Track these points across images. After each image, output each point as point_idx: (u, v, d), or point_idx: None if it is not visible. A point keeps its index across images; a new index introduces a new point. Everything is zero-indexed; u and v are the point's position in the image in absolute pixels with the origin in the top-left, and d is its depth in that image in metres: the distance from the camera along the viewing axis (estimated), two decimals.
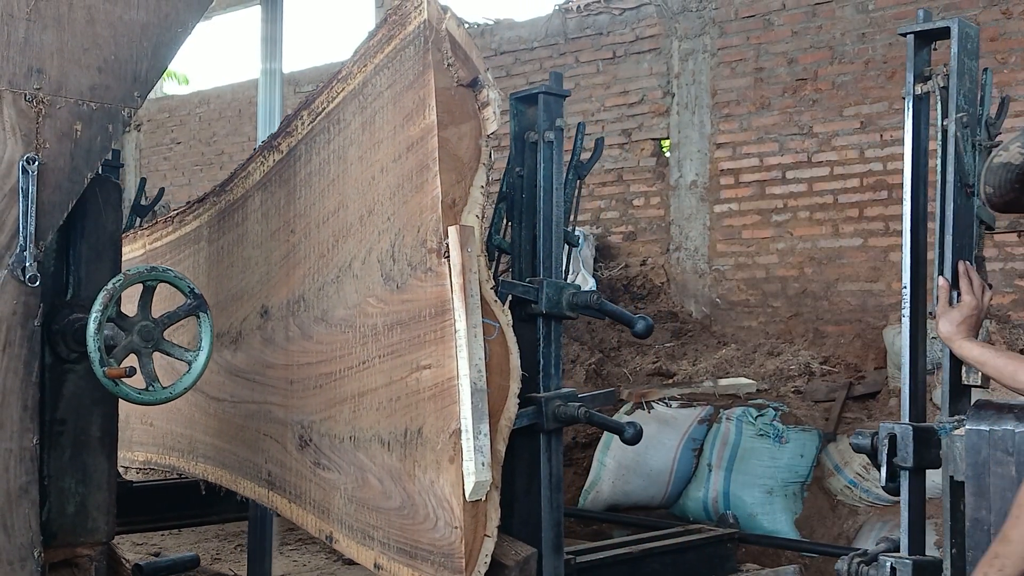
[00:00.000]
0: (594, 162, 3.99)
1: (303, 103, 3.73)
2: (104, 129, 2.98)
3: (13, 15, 2.84)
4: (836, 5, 8.22)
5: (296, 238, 3.81)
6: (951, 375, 2.99)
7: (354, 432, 3.49)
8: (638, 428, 3.84)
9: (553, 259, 3.85)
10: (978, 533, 2.74)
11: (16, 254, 2.84)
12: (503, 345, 3.17)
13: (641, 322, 3.78)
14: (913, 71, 3.12)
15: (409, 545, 3.25)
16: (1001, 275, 7.43)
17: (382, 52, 3.28)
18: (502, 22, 10.34)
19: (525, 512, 3.82)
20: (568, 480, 7.27)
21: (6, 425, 2.85)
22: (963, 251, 3.00)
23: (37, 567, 2.91)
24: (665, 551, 4.69)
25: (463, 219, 3.08)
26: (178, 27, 3.10)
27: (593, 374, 8.03)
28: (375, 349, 3.37)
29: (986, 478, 2.73)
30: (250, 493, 4.29)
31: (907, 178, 3.16)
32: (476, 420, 3.00)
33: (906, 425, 3.00)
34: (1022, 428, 2.68)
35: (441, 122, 3.05)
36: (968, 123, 2.97)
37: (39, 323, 2.91)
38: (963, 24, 3.04)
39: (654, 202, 9.31)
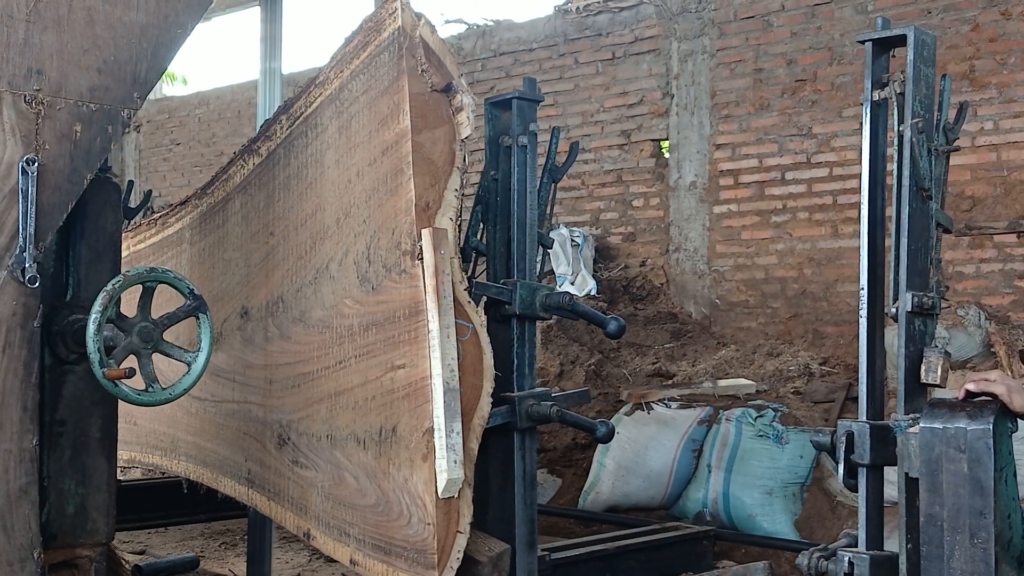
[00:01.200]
0: (568, 166, 4.07)
1: (282, 107, 3.81)
2: (104, 130, 2.99)
3: (13, 16, 2.84)
4: (835, 6, 8.30)
5: (275, 240, 3.88)
6: (907, 374, 3.07)
7: (331, 431, 3.56)
8: (610, 427, 3.89)
9: (527, 261, 3.92)
10: (932, 528, 2.82)
11: (16, 255, 2.84)
12: (476, 345, 3.24)
13: (613, 323, 3.85)
14: (871, 78, 3.17)
15: (384, 541, 3.31)
16: (1001, 276, 7.51)
17: (358, 58, 3.36)
18: (501, 23, 10.42)
19: (499, 509, 3.89)
20: (568, 481, 7.38)
21: (6, 426, 2.86)
22: (919, 254, 3.09)
23: (37, 568, 2.91)
24: (641, 548, 4.77)
25: (437, 222, 3.14)
26: (177, 28, 3.11)
27: (593, 375, 8.07)
28: (351, 349, 3.43)
29: (939, 475, 2.81)
30: (230, 491, 4.37)
31: (864, 183, 3.22)
32: (448, 419, 3.07)
33: (863, 423, 3.08)
34: (974, 426, 2.77)
35: (415, 127, 3.12)
36: (924, 129, 3.05)
37: (39, 324, 2.91)
38: (919, 32, 3.10)
39: (653, 203, 9.38)
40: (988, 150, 7.60)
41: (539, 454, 7.26)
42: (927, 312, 3.05)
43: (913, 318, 3.03)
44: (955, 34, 7.73)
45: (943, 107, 3.16)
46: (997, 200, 7.63)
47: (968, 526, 2.77)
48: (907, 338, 3.03)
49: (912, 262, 3.03)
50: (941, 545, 2.81)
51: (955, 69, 7.70)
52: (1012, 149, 7.50)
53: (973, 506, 2.76)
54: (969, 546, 2.77)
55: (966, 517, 2.77)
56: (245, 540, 6.10)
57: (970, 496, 2.77)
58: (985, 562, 2.74)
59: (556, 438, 7.52)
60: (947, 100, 3.17)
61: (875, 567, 2.99)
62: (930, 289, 3.09)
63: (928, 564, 2.84)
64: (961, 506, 2.78)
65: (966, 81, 7.66)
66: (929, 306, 3.05)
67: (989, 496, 2.75)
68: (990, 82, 7.60)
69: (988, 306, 7.34)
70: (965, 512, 2.78)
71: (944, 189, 3.18)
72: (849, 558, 3.01)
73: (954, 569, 2.79)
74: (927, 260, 3.07)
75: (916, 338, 3.04)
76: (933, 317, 3.08)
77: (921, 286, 3.06)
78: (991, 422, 2.77)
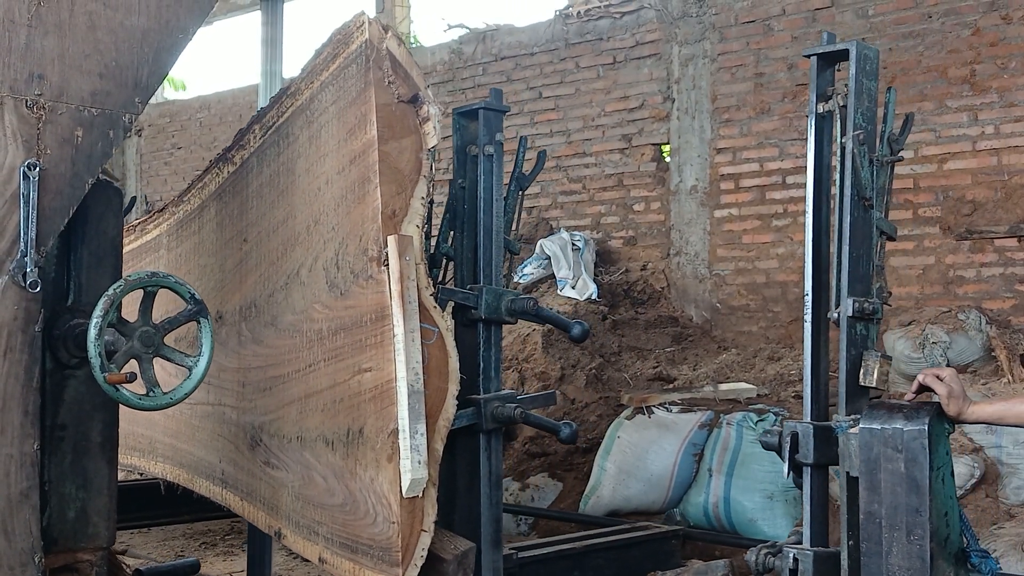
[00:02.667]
0: (536, 174, 4.21)
1: (255, 117, 3.95)
2: (105, 135, 3.00)
3: (14, 21, 2.85)
4: (836, 10, 8.39)
5: (248, 246, 4.00)
6: (849, 376, 3.20)
7: (301, 432, 3.68)
8: (574, 428, 4.02)
9: (493, 267, 4.08)
10: (871, 526, 2.99)
11: (17, 260, 2.85)
12: (442, 349, 3.34)
13: (577, 327, 3.99)
14: (816, 91, 3.33)
15: (351, 540, 3.42)
16: (1001, 280, 7.59)
17: (327, 70, 3.48)
18: (502, 27, 10.52)
19: (466, 509, 4.02)
20: (569, 485, 7.39)
21: (7, 430, 2.86)
22: (861, 260, 3.22)
23: (38, 572, 2.92)
24: (609, 547, 4.88)
25: (403, 229, 3.26)
26: (179, 33, 3.12)
27: (594, 379, 8.16)
28: (320, 353, 3.55)
29: (878, 474, 2.98)
30: (205, 491, 4.49)
31: (809, 192, 3.37)
32: (413, 420, 3.17)
33: (807, 424, 3.25)
34: (910, 427, 2.93)
35: (382, 136, 3.24)
36: (865, 140, 3.20)
37: (40, 329, 2.92)
38: (861, 47, 3.25)
39: (654, 207, 9.47)
40: (989, 154, 7.68)
41: (540, 458, 7.42)
42: (868, 317, 3.19)
43: (854, 322, 3.18)
44: (956, 38, 7.80)
45: (888, 119, 3.29)
46: (998, 204, 7.68)
47: (905, 523, 2.94)
48: (848, 342, 3.17)
49: (854, 268, 3.17)
50: (880, 542, 2.97)
51: (956, 73, 7.79)
52: (1013, 153, 7.56)
53: (910, 504, 2.93)
54: (906, 542, 2.93)
55: (903, 515, 2.94)
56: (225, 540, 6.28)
57: (907, 494, 2.93)
58: (921, 558, 2.91)
59: (557, 442, 7.47)
60: (892, 112, 3.30)
61: (818, 563, 3.15)
62: (872, 295, 3.22)
63: (868, 560, 3.00)
64: (898, 504, 2.94)
65: (967, 85, 7.74)
66: (870, 311, 3.19)
67: (925, 494, 2.91)
68: (991, 86, 7.67)
69: (989, 310, 7.37)
70: (902, 510, 2.94)
71: (888, 198, 3.32)
72: (794, 554, 3.17)
73: (892, 565, 2.95)
74: (869, 267, 3.20)
75: (857, 342, 3.19)
76: (875, 321, 3.22)
77: (863, 292, 3.20)
78: (927, 423, 2.93)
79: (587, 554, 4.77)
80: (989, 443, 6.16)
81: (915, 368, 6.87)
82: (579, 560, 4.72)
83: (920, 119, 7.92)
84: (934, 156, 7.89)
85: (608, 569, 4.80)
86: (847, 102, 3.22)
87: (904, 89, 7.98)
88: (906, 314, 7.43)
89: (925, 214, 7.91)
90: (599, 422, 7.62)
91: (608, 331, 8.74)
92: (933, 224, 7.88)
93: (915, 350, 6.95)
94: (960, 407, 2.99)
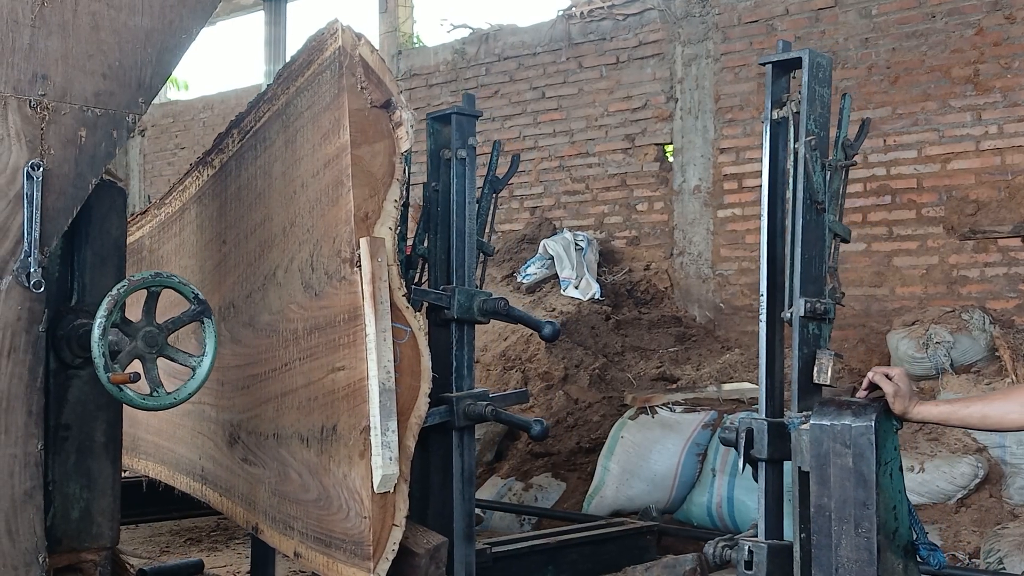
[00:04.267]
0: (510, 177, 4.35)
1: (233, 122, 4.06)
2: (109, 135, 3.01)
3: (18, 21, 2.86)
4: (839, 10, 8.47)
5: (227, 248, 4.13)
6: (801, 374, 3.35)
7: (277, 429, 3.81)
8: (544, 426, 4.12)
9: (466, 268, 4.19)
10: (821, 519, 3.13)
11: (21, 260, 2.87)
12: (414, 348, 3.46)
13: (548, 326, 4.12)
14: (771, 98, 3.45)
15: (325, 534, 3.54)
16: (1006, 280, 7.66)
17: (303, 76, 3.61)
18: (505, 27, 10.64)
19: (439, 504, 4.15)
20: (572, 485, 7.42)
21: (11, 431, 2.87)
22: (814, 262, 3.36)
23: (42, 572, 2.94)
24: (584, 542, 4.98)
25: (376, 231, 3.38)
26: (182, 33, 3.15)
27: (597, 379, 8.25)
28: (296, 352, 3.68)
29: (827, 468, 3.11)
30: (186, 488, 4.63)
31: (764, 196, 3.52)
32: (384, 418, 3.29)
33: (762, 420, 3.40)
34: (858, 423, 3.07)
35: (354, 141, 3.36)
36: (816, 146, 3.32)
37: (44, 329, 2.95)
38: (814, 55, 3.37)
39: (658, 207, 9.57)
40: (992, 154, 7.74)
41: (544, 458, 7.47)
42: (820, 317, 3.32)
43: (806, 322, 3.32)
44: (959, 38, 7.88)
45: (843, 125, 3.41)
46: (1001, 204, 7.74)
47: (853, 516, 3.07)
48: (800, 341, 3.31)
49: (806, 270, 3.30)
50: (829, 534, 3.11)
51: (959, 73, 7.86)
52: (1016, 153, 7.64)
53: (857, 498, 3.07)
54: (854, 535, 3.07)
55: (851, 508, 3.08)
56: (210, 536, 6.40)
57: (855, 488, 3.07)
58: (868, 550, 3.05)
59: (560, 442, 7.65)
60: (847, 118, 3.43)
61: (772, 555, 3.30)
62: (825, 295, 3.35)
63: (818, 552, 3.14)
64: (847, 498, 3.08)
65: (970, 85, 7.82)
66: (822, 311, 3.32)
67: (872, 488, 3.05)
68: (994, 86, 7.74)
69: (993, 310, 7.43)
70: (850, 503, 3.08)
71: (842, 202, 3.44)
72: (749, 547, 3.31)
73: (841, 557, 3.09)
74: (822, 268, 3.33)
75: (810, 341, 3.33)
76: (827, 321, 3.36)
77: (815, 292, 3.34)
78: (874, 420, 3.07)
79: (561, 549, 4.87)
80: (993, 443, 6.23)
81: (920, 368, 6.97)
82: (553, 555, 4.81)
83: (924, 119, 8.02)
84: (938, 156, 7.97)
85: (582, 564, 4.88)
86: (800, 109, 3.34)
87: (907, 89, 8.08)
88: (909, 314, 7.49)
89: (929, 214, 7.98)
90: (602, 422, 7.68)
91: (611, 331, 8.81)
92: (937, 224, 7.95)
93: (919, 350, 7.01)
94: (906, 405, 3.11)
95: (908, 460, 6.09)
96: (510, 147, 10.43)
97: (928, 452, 6.21)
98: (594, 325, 8.80)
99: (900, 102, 8.12)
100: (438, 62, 11.15)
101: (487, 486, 7.35)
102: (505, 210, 10.56)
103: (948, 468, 6.09)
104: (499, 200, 9.74)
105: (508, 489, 7.29)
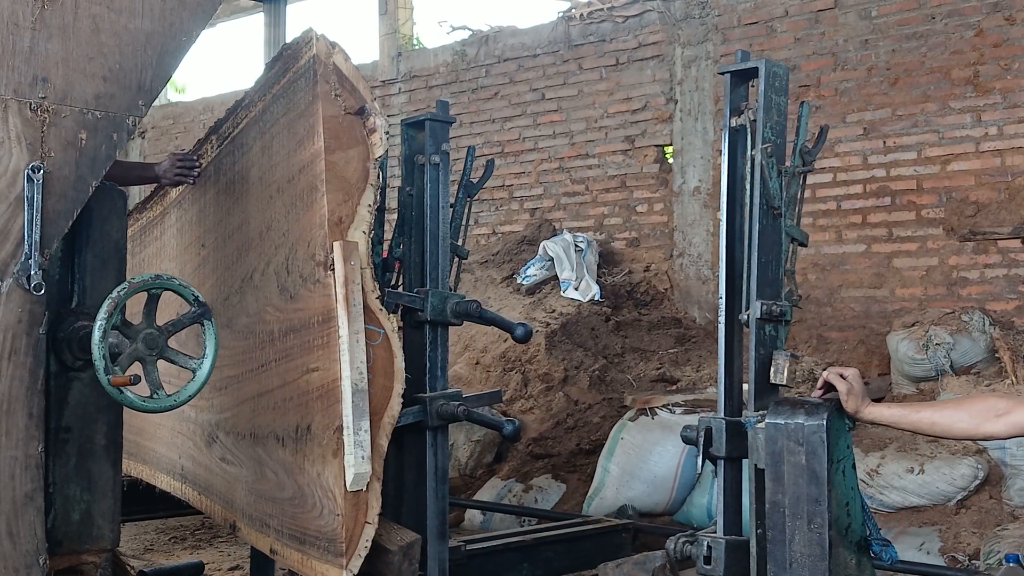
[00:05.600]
0: (484, 182, 4.46)
1: (212, 128, 4.21)
2: (109, 138, 3.04)
3: (19, 24, 2.89)
4: (839, 11, 8.54)
5: (206, 252, 4.26)
6: (758, 375, 3.47)
7: (254, 429, 3.92)
8: (516, 425, 4.22)
9: (440, 271, 4.31)
10: (776, 515, 3.25)
11: (21, 263, 2.89)
12: (388, 350, 3.58)
13: (520, 328, 4.22)
14: (729, 106, 3.57)
15: (299, 532, 3.66)
16: (1005, 281, 7.72)
17: (279, 83, 3.74)
18: (505, 29, 10.73)
19: (414, 502, 4.25)
20: (572, 487, 7.48)
21: (11, 433, 2.89)
22: (770, 266, 3.47)
23: (42, 574, 2.96)
24: (559, 540, 5.07)
25: (349, 235, 3.51)
26: (183, 36, 3.19)
27: (597, 380, 8.34)
28: (272, 353, 3.80)
29: (782, 466, 3.24)
30: (166, 486, 4.76)
31: (723, 201, 3.61)
32: (356, 417, 3.41)
33: (720, 419, 3.55)
34: (811, 422, 3.19)
35: (328, 147, 3.49)
36: (773, 152, 3.44)
37: (44, 331, 2.97)
38: (771, 64, 3.49)
39: (657, 208, 9.65)
40: (992, 155, 7.80)
41: (544, 460, 7.54)
42: (776, 319, 3.45)
43: (763, 324, 3.44)
44: (959, 39, 7.94)
45: (800, 132, 3.53)
46: (1001, 205, 7.78)
47: (806, 512, 3.20)
48: (757, 342, 3.44)
49: (762, 273, 3.42)
50: (784, 530, 3.24)
51: (959, 74, 7.93)
52: (1016, 154, 7.70)
53: (810, 494, 3.19)
54: (807, 531, 3.19)
55: (804, 504, 3.20)
56: (195, 535, 6.48)
57: (807, 485, 3.20)
58: (820, 545, 3.17)
59: (560, 444, 7.74)
60: (805, 125, 3.55)
61: (730, 550, 3.44)
62: (781, 298, 3.48)
63: (773, 547, 3.27)
64: (800, 494, 3.21)
65: (970, 86, 7.89)
66: (778, 313, 3.45)
67: (823, 485, 3.17)
68: (994, 87, 7.80)
69: (992, 311, 7.48)
70: (803, 500, 3.20)
71: (800, 207, 3.55)
72: (708, 542, 3.45)
73: (795, 552, 3.22)
74: (779, 271, 3.46)
75: (766, 342, 3.46)
76: (783, 323, 3.48)
77: (772, 295, 3.46)
78: (826, 419, 3.19)
79: (536, 547, 4.95)
80: (993, 445, 6.25)
81: (920, 370, 7.02)
82: (528, 552, 4.89)
83: (924, 120, 8.08)
84: (937, 157, 8.03)
85: (557, 561, 4.96)
86: (757, 117, 3.45)
87: (907, 90, 8.15)
88: (909, 315, 7.53)
89: (928, 215, 8.04)
90: (602, 423, 7.76)
91: (611, 332, 8.89)
92: (936, 225, 8.01)
93: (918, 351, 7.05)
94: (858, 405, 3.22)
95: (908, 461, 6.19)
96: (510, 148, 10.54)
97: (928, 453, 6.26)
98: (594, 326, 8.88)
99: (900, 103, 8.19)
100: (438, 64, 11.25)
101: (487, 488, 7.44)
102: (505, 211, 10.69)
103: (948, 469, 6.13)
104: (499, 202, 9.87)
105: (508, 490, 7.34)
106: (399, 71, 11.53)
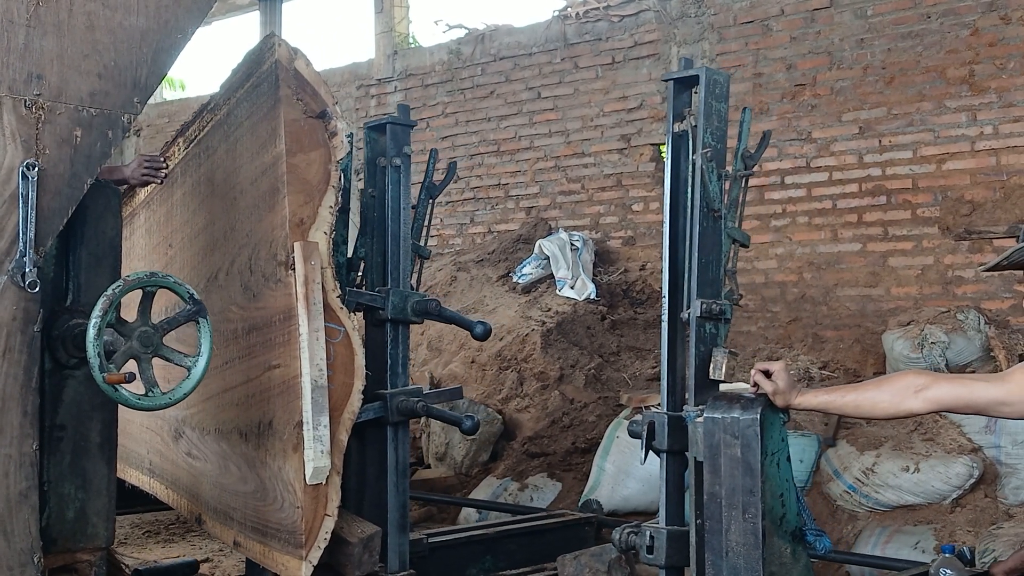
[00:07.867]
0: (447, 184, 4.63)
1: (179, 131, 4.36)
2: (104, 135, 3.10)
3: (13, 21, 2.93)
4: (835, 11, 8.67)
5: (173, 252, 4.41)
6: (698, 371, 3.65)
7: (219, 425, 4.08)
8: (475, 421, 4.38)
9: (401, 271, 4.48)
10: (713, 505, 3.44)
11: (16, 260, 2.94)
12: (348, 347, 3.74)
13: (479, 326, 4.39)
14: (672, 112, 3.75)
15: (261, 524, 3.81)
16: (1000, 280, 7.81)
17: (243, 87, 3.89)
18: (501, 28, 10.88)
19: (375, 496, 4.41)
20: (568, 485, 7.62)
21: (6, 431, 2.94)
22: (711, 266, 3.66)
23: (37, 572, 3.00)
24: (522, 533, 5.20)
25: (311, 236, 3.67)
26: (178, 33, 3.24)
27: (593, 379, 8.52)
28: (236, 351, 3.96)
29: (719, 458, 3.43)
30: (135, 481, 4.92)
31: (666, 204, 3.79)
32: (316, 413, 3.56)
33: (663, 414, 3.76)
34: (745, 416, 3.39)
35: (290, 150, 3.64)
36: (712, 157, 3.62)
37: (39, 329, 3.01)
38: (711, 72, 3.68)
39: (653, 207, 9.75)
40: (987, 154, 7.91)
41: (539, 459, 7.65)
42: (716, 317, 3.64)
43: (703, 322, 3.64)
44: (955, 38, 8.05)
45: (742, 137, 3.72)
46: (996, 204, 7.89)
47: (741, 503, 3.39)
48: (697, 339, 3.63)
49: (703, 273, 3.61)
50: (720, 520, 3.44)
51: (955, 74, 8.04)
52: (1011, 153, 7.80)
53: (745, 485, 3.39)
54: (742, 520, 3.39)
55: (739, 495, 3.40)
56: (168, 529, 6.65)
57: (742, 476, 3.39)
58: (755, 535, 3.37)
59: (556, 442, 7.86)
60: (746, 131, 3.73)
61: (671, 540, 3.65)
62: (721, 297, 3.68)
63: (710, 537, 3.46)
64: (735, 486, 3.40)
65: (965, 85, 8.01)
66: (718, 312, 3.64)
67: (757, 477, 3.37)
68: (989, 87, 7.91)
69: (988, 310, 7.54)
70: (739, 491, 3.40)
71: (742, 209, 3.74)
72: (650, 532, 3.66)
73: (731, 540, 3.41)
74: (719, 272, 3.65)
75: (706, 339, 3.65)
76: (723, 321, 3.67)
77: (712, 294, 3.66)
78: (759, 413, 3.39)
79: (499, 540, 5.08)
80: (988, 443, 6.35)
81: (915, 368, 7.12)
82: (491, 545, 5.02)
83: (919, 119, 8.19)
84: (933, 156, 8.14)
85: (520, 554, 5.07)
86: (698, 122, 3.63)
87: (903, 89, 8.26)
88: (904, 314, 7.59)
89: (924, 214, 8.16)
90: (598, 422, 7.90)
91: (607, 331, 9.05)
92: (932, 224, 8.12)
93: (914, 350, 7.11)
94: (787, 399, 3.38)
95: (903, 460, 6.28)
96: (506, 147, 10.68)
97: (923, 452, 6.35)
98: (590, 325, 9.02)
99: (895, 103, 8.29)
100: (434, 62, 11.40)
101: (483, 486, 7.58)
102: (501, 210, 10.84)
103: (943, 468, 6.21)
104: (495, 200, 10.02)
105: (504, 489, 7.46)
106: (395, 69, 11.68)
